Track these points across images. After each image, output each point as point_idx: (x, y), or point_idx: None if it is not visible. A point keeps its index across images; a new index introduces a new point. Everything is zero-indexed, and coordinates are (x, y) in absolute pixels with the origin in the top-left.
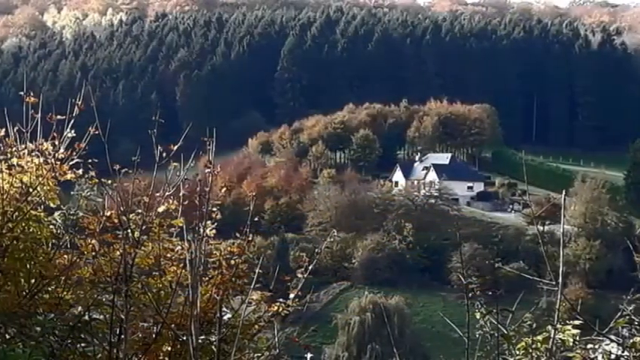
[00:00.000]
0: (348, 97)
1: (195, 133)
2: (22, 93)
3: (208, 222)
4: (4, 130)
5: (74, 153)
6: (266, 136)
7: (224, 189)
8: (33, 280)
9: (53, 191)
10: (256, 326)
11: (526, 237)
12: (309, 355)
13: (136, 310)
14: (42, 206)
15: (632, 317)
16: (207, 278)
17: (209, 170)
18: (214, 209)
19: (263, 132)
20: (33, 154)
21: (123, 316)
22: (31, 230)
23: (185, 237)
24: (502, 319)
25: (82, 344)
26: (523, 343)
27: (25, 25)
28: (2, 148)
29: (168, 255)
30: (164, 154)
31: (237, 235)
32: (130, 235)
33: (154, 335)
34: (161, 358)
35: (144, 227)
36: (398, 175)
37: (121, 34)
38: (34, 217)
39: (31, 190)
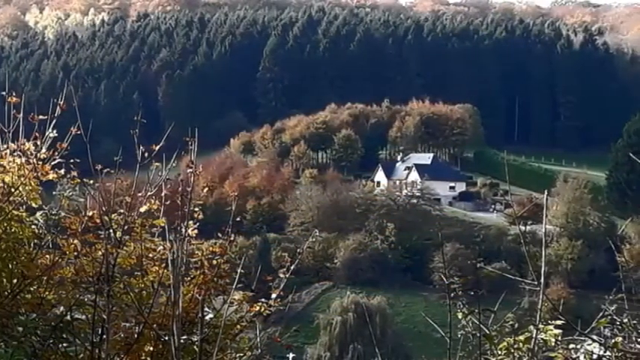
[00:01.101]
0: (330, 97)
1: (178, 133)
2: (3, 93)
3: (190, 222)
4: None
5: (56, 153)
6: (248, 136)
7: (206, 189)
8: (15, 280)
9: (35, 191)
10: (238, 326)
11: (508, 237)
12: (291, 355)
13: (118, 310)
14: (24, 206)
15: (614, 317)
16: (189, 278)
17: (191, 170)
18: (196, 209)
19: (245, 132)
20: (15, 154)
21: (105, 316)
22: (13, 230)
23: (167, 237)
24: (484, 319)
25: (64, 344)
26: (505, 343)
27: (6, 25)
28: None
29: (151, 255)
30: (146, 154)
31: (219, 235)
32: (112, 235)
33: (136, 335)
34: (143, 358)
35: (126, 227)
36: (380, 175)
37: (103, 34)
38: (16, 217)
39: (13, 190)
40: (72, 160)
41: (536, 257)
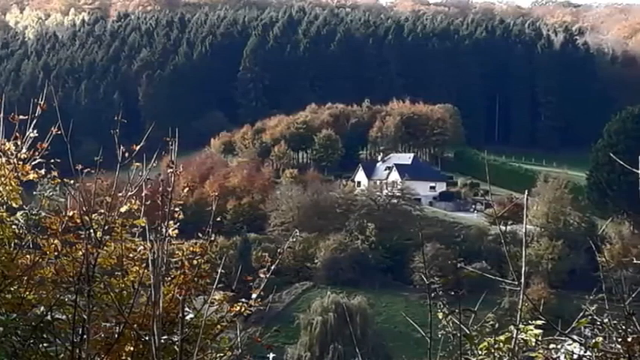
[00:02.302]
0: (310, 97)
1: (158, 133)
2: None
3: (171, 222)
4: None
5: (36, 153)
6: (228, 136)
7: (186, 189)
8: None
9: (15, 191)
10: (219, 326)
11: (488, 237)
12: (271, 355)
13: (98, 310)
14: (4, 206)
15: (595, 317)
16: (169, 278)
17: (171, 170)
18: (177, 209)
19: (225, 132)
20: None
21: (85, 316)
22: None
23: (147, 237)
24: (464, 319)
25: (45, 344)
26: (485, 343)
27: None
28: None
29: (131, 255)
30: (127, 154)
31: (200, 235)
32: (93, 235)
33: (116, 335)
34: (123, 358)
35: (106, 227)
36: (360, 175)
37: (84, 34)
38: None
39: None
40: (52, 160)
41: (516, 257)
